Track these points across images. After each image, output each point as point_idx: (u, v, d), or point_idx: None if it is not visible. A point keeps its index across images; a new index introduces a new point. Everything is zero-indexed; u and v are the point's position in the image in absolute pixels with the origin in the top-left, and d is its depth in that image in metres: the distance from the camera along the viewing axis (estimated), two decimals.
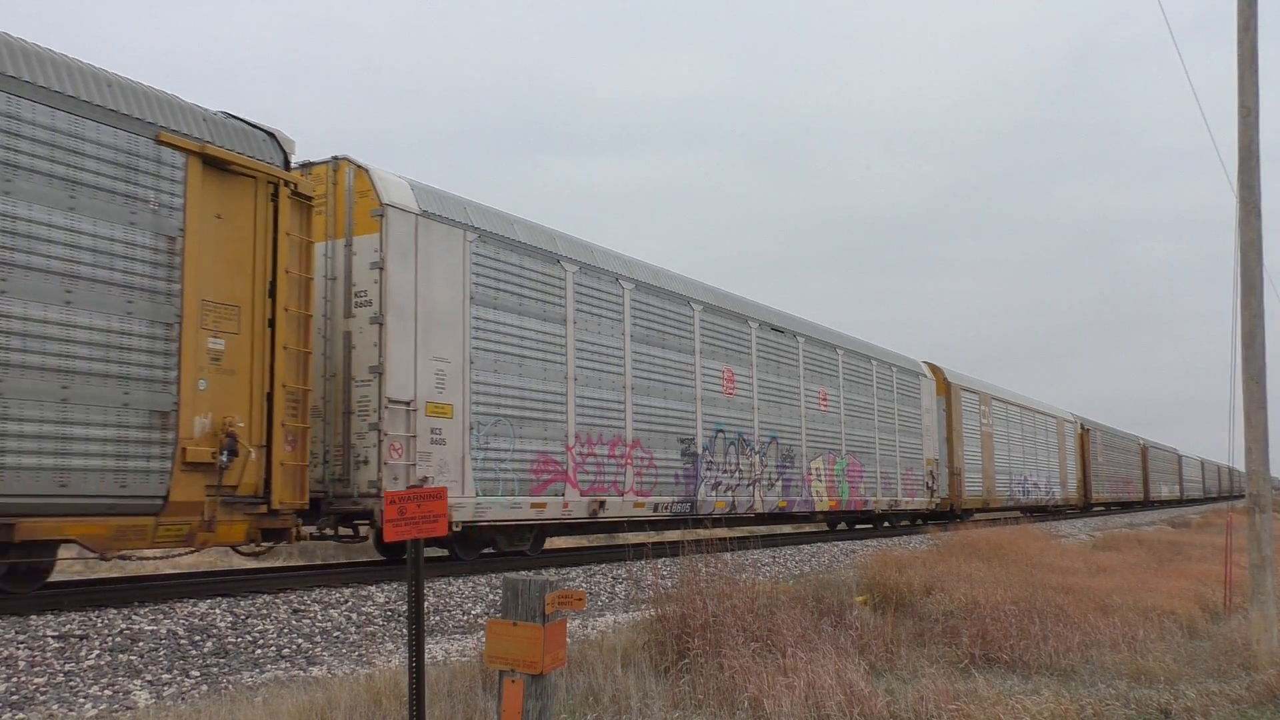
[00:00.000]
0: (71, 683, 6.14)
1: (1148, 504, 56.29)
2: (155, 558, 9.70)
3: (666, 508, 14.92)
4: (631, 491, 14.04)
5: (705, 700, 5.87)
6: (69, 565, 15.15)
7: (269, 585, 9.61)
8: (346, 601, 8.96)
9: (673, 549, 9.37)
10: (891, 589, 10.46)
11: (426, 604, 9.17)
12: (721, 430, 16.46)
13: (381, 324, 10.34)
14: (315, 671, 6.83)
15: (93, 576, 13.15)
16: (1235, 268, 9.32)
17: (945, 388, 26.82)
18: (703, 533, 10.58)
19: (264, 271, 9.11)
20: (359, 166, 10.66)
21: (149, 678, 6.42)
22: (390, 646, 7.78)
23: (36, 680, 6.07)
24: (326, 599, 8.96)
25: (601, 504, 13.41)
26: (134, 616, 7.53)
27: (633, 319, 14.38)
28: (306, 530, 10.13)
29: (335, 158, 10.81)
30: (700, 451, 15.76)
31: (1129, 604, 9.95)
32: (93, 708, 5.74)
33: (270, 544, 9.32)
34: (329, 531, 10.84)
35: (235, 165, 8.84)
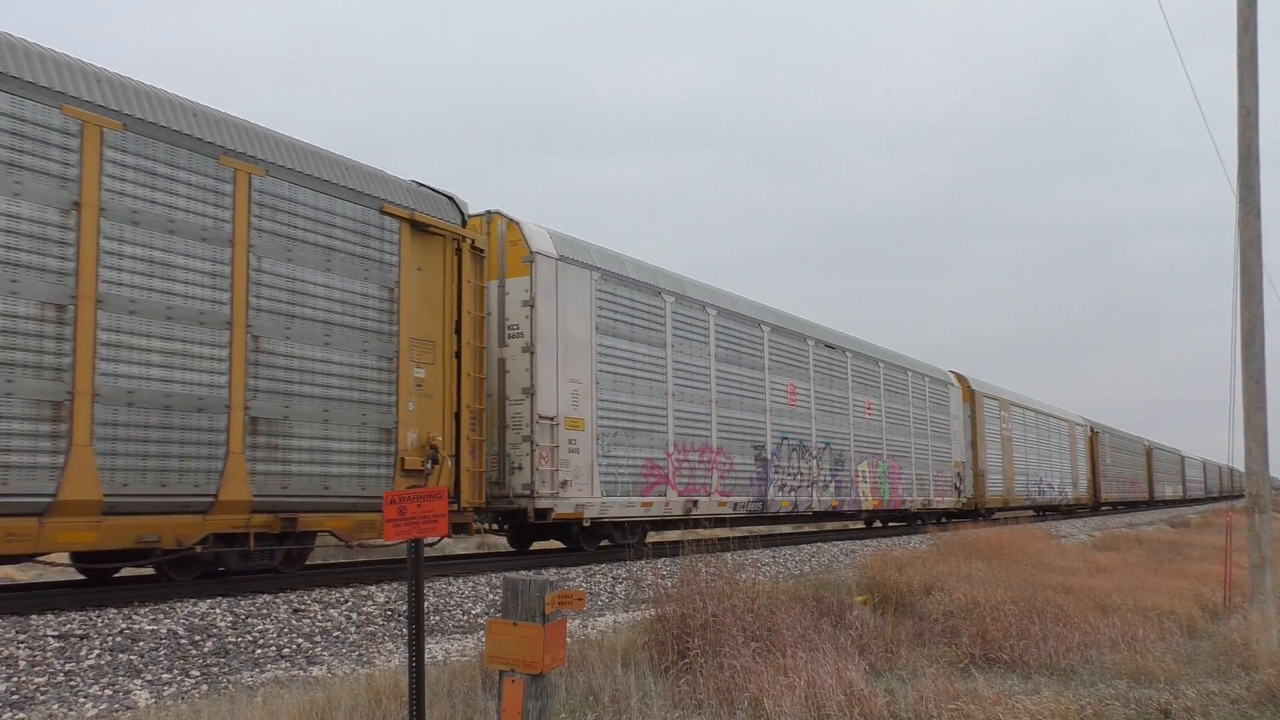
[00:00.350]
0: (71, 682, 6.15)
1: (1152, 503, 57.93)
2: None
3: (743, 506, 16.92)
4: (717, 492, 16.10)
5: (705, 700, 5.87)
6: (69, 565, 15.14)
7: (269, 585, 9.61)
8: (346, 601, 8.96)
9: (673, 549, 9.42)
10: (891, 589, 10.46)
11: (426, 604, 9.17)
12: (786, 438, 18.62)
13: (532, 352, 12.44)
14: (315, 671, 6.83)
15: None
16: (1235, 268, 9.32)
17: (970, 395, 28.93)
18: (703, 532, 11.01)
19: (450, 312, 11.27)
20: (510, 220, 12.77)
21: (149, 677, 6.42)
22: (390, 646, 7.78)
23: (36, 680, 6.07)
24: (326, 599, 8.97)
25: (695, 503, 15.47)
26: (134, 616, 7.53)
27: (716, 341, 16.65)
28: (478, 525, 11.99)
29: (489, 211, 12.81)
30: (769, 457, 17.86)
31: (1129, 604, 9.95)
32: (93, 708, 5.74)
33: (457, 536, 11.75)
34: (491, 527, 12.86)
35: (431, 226, 11.09)
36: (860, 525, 25.78)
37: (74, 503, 7.75)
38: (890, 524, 25.36)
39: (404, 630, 8.31)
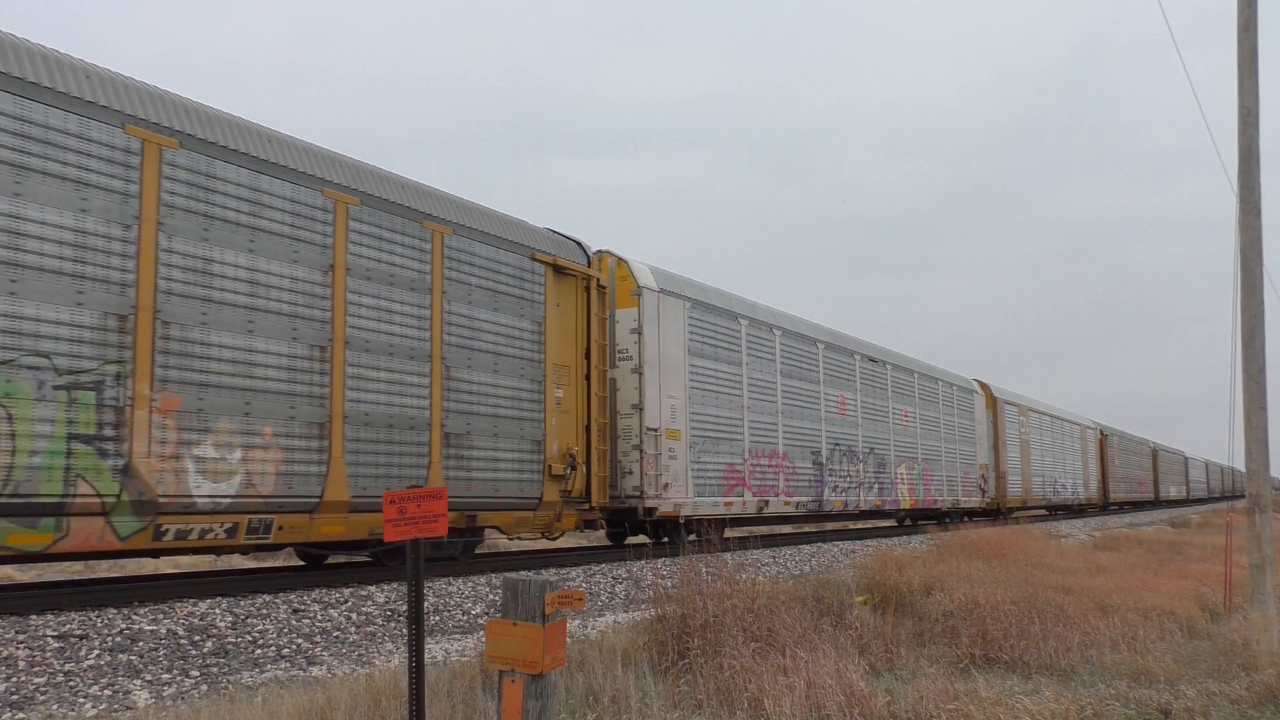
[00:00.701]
0: (71, 683, 6.14)
1: (1158, 503, 59.64)
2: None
3: (804, 505, 18.95)
4: (783, 493, 18.14)
5: (705, 700, 5.87)
6: (69, 565, 15.16)
7: (269, 585, 9.61)
8: (346, 601, 8.96)
9: (672, 549, 9.47)
10: (891, 589, 10.45)
11: (426, 604, 9.17)
12: (837, 444, 20.66)
13: (640, 373, 14.34)
14: (315, 671, 6.83)
15: (92, 576, 13.15)
16: (1235, 268, 9.32)
17: (992, 402, 30.98)
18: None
19: (581, 340, 13.36)
20: (619, 258, 14.74)
21: (149, 678, 6.42)
22: (390, 646, 7.78)
23: (36, 680, 6.07)
24: (326, 599, 8.96)
25: (766, 503, 17.46)
26: (134, 616, 7.53)
27: (781, 359, 18.65)
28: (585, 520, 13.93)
29: (600, 251, 14.59)
30: (824, 461, 19.94)
31: (1129, 604, 9.95)
32: (93, 708, 5.74)
33: (586, 530, 14.14)
34: (603, 523, 14.83)
35: (567, 268, 13.13)
36: (893, 523, 27.33)
37: (332, 502, 9.74)
38: (919, 521, 26.93)
39: (404, 630, 8.31)
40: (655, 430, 14.31)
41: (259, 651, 7.33)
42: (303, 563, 12.35)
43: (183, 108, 8.91)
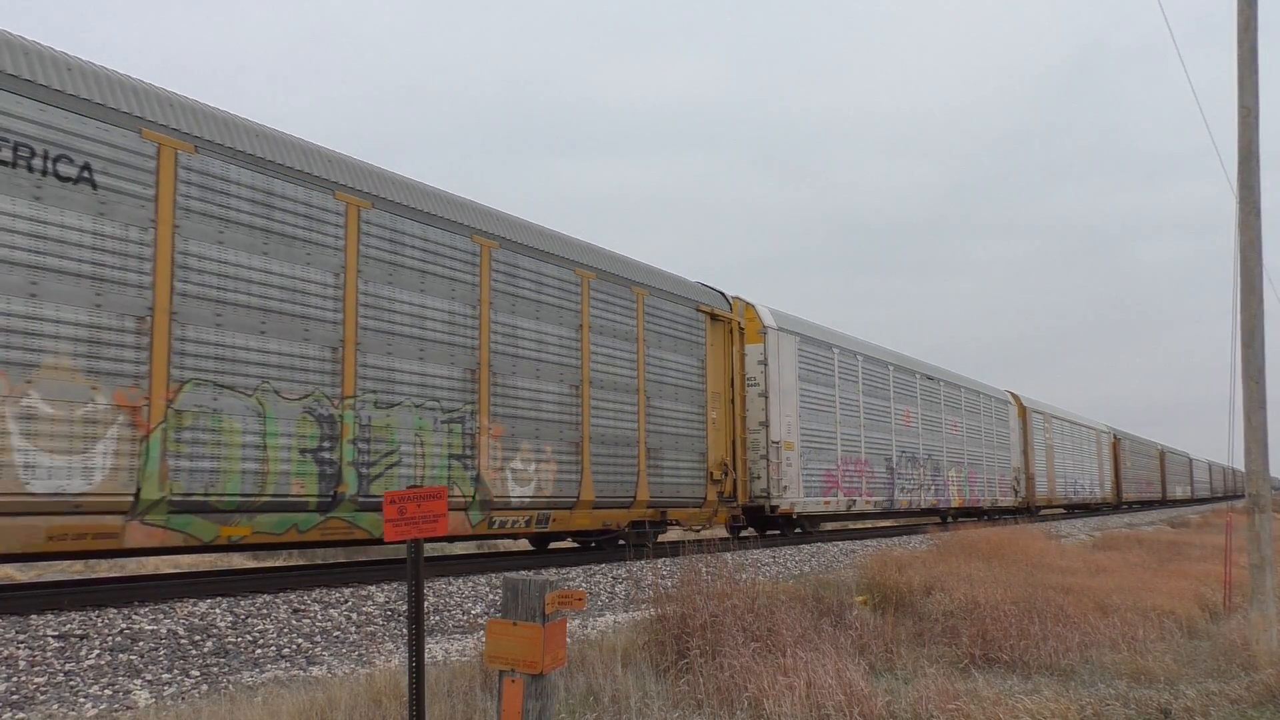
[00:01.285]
0: (71, 682, 6.14)
1: (1165, 502, 62.97)
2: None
3: (880, 504, 22.64)
4: (865, 494, 21.85)
5: (705, 700, 5.87)
6: (69, 565, 15.15)
7: (269, 585, 9.61)
8: (346, 601, 8.96)
9: (672, 549, 9.51)
10: (891, 589, 10.45)
11: (426, 604, 9.17)
12: (904, 451, 24.34)
13: (766, 397, 17.89)
14: (315, 671, 6.83)
15: (92, 576, 13.16)
16: (1235, 268, 9.32)
17: (1023, 411, 34.81)
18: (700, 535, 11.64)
19: (726, 371, 16.85)
20: (747, 303, 18.12)
21: (149, 677, 6.42)
22: (390, 646, 7.78)
23: (36, 680, 6.07)
24: (326, 599, 8.96)
25: (853, 502, 21.32)
26: (134, 616, 7.53)
27: (863, 381, 22.45)
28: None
29: (733, 297, 17.72)
30: (894, 466, 23.61)
31: (1129, 604, 9.95)
32: (93, 708, 5.74)
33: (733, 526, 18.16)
34: (743, 518, 18.14)
35: (718, 315, 16.73)
36: (939, 520, 29.32)
37: (584, 501, 12.97)
38: (959, 518, 29.43)
39: (404, 630, 8.31)
40: (778, 443, 17.97)
41: (259, 651, 7.33)
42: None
43: (505, 221, 12.47)
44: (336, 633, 8.08)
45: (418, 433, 10.59)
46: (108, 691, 6.06)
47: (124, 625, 7.24)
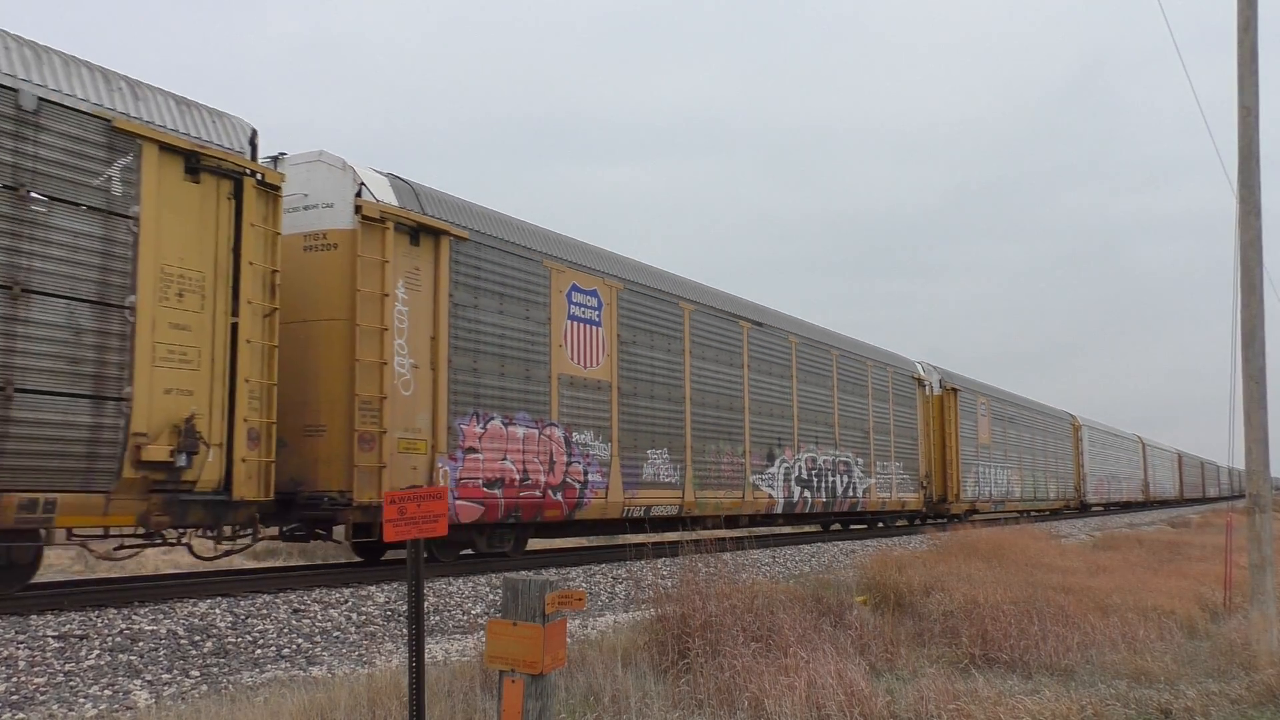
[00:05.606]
0: (71, 683, 6.14)
1: (1182, 501, 71.22)
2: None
3: (1010, 502, 33.37)
4: (1020, 498, 34.18)
5: (705, 700, 5.86)
6: (69, 565, 15.13)
7: (269, 585, 9.61)
8: (346, 601, 8.96)
9: (672, 549, 9.49)
10: (891, 589, 10.44)
11: (426, 604, 9.17)
12: (1023, 465, 34.80)
13: (944, 435, 27.53)
14: (315, 671, 6.83)
15: (92, 576, 13.14)
16: (1235, 268, 9.32)
17: (1077, 427, 43.41)
18: (702, 533, 11.31)
19: (923, 417, 26.46)
20: (935, 366, 27.61)
21: (149, 678, 6.42)
22: (390, 646, 7.77)
23: (36, 680, 6.07)
24: (326, 599, 8.96)
25: (1001, 502, 31.98)
26: (134, 616, 7.53)
27: (1009, 422, 33.42)
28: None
29: (920, 362, 27.07)
30: (1012, 473, 33.65)
31: (1129, 604, 9.94)
32: (93, 708, 5.73)
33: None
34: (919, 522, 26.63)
35: (921, 380, 26.63)
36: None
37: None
38: (1031, 514, 37.23)
39: (404, 630, 8.30)
40: (965, 462, 28.35)
41: (259, 651, 7.33)
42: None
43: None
44: (337, 633, 8.08)
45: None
46: (108, 692, 6.06)
47: (124, 625, 7.24)
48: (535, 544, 15.15)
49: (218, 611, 7.95)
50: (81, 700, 5.87)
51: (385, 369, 10.29)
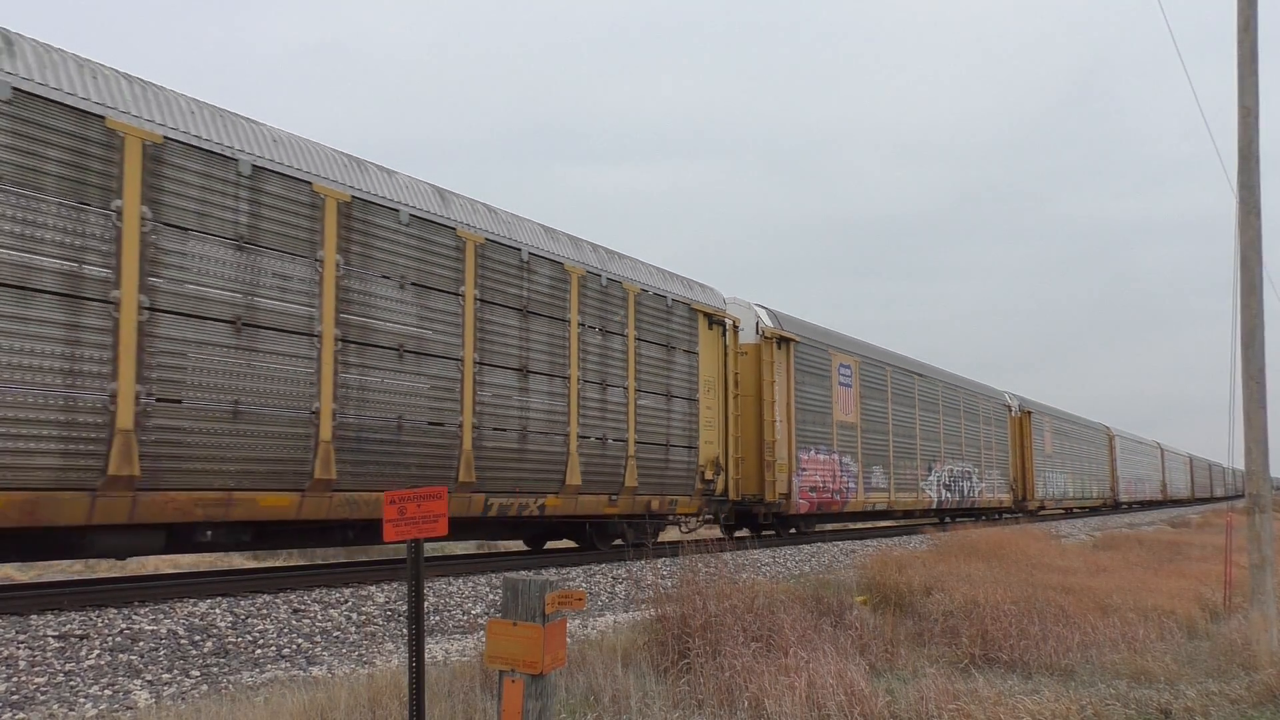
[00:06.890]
0: (71, 683, 6.14)
1: (1194, 501, 77.04)
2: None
3: (1076, 501, 40.43)
4: (1072, 495, 40.19)
5: (705, 700, 5.87)
6: (70, 565, 15.15)
7: (269, 585, 9.61)
8: (346, 601, 8.96)
9: (672, 549, 9.52)
10: (891, 589, 10.44)
11: (426, 604, 9.17)
12: (1081, 472, 41.99)
13: (1023, 449, 34.82)
14: (315, 671, 6.83)
15: (92, 576, 13.16)
16: (1235, 268, 9.32)
17: (1111, 438, 49.77)
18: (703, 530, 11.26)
19: (1012, 437, 34.10)
20: (1018, 396, 35.02)
21: (149, 678, 6.42)
22: (390, 646, 7.77)
23: (36, 680, 6.07)
24: (326, 599, 8.96)
25: (1060, 500, 38.35)
26: (134, 616, 7.53)
27: (1073, 438, 41.24)
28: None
29: (1008, 392, 34.79)
30: (1072, 480, 40.47)
31: (1129, 604, 9.94)
32: (93, 708, 5.73)
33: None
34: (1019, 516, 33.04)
35: (1003, 405, 33.75)
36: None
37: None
38: (1073, 512, 43.40)
39: (404, 630, 8.31)
40: (1039, 469, 34.52)
41: (259, 651, 7.33)
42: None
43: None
44: (337, 633, 8.08)
45: None
46: (108, 692, 6.06)
47: (124, 625, 7.24)
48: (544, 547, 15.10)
49: (218, 611, 7.95)
50: (81, 700, 5.87)
51: (772, 424, 17.70)
